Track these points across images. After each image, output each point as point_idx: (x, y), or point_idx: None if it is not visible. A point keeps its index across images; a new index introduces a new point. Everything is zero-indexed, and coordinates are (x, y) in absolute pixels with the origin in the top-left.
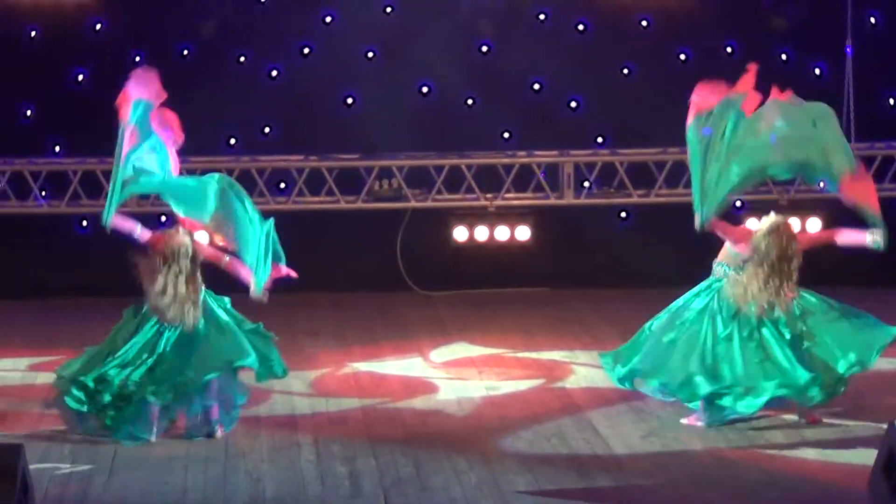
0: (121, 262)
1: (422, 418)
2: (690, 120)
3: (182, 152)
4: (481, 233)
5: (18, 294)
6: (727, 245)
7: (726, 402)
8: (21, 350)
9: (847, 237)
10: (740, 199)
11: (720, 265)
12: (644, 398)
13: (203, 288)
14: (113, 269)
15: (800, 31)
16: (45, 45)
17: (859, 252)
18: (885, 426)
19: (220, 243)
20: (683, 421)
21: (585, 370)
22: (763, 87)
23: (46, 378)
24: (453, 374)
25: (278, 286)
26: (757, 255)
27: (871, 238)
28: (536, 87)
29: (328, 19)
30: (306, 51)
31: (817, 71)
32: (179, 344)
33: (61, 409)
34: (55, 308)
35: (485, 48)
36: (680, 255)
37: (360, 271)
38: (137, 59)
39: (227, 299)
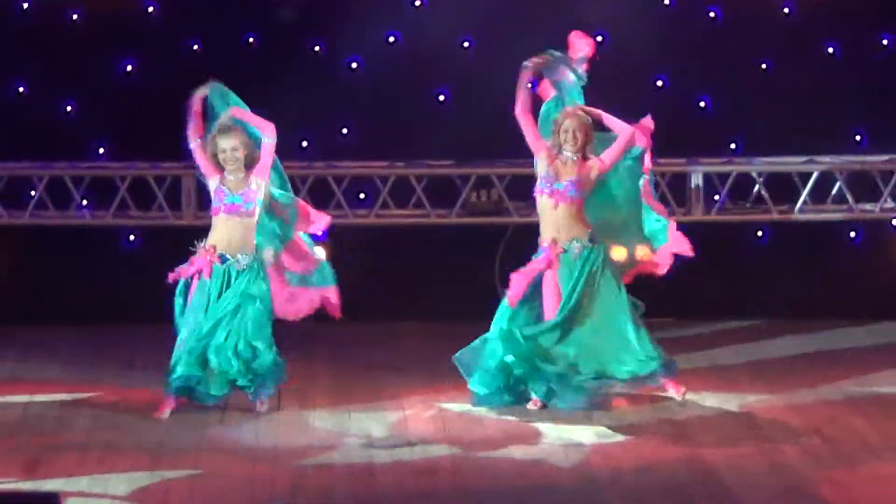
0: (173, 283)
1: (521, 469)
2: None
3: None
4: None
5: (56, 318)
6: None
7: None
8: (56, 385)
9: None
10: None
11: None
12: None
13: None
14: (164, 290)
15: None
16: (87, 31)
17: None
18: None
19: None
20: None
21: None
22: None
23: (84, 419)
24: (559, 417)
25: (358, 313)
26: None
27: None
28: (659, 83)
29: (417, 3)
30: (391, 39)
31: None
32: None
33: None
34: (96, 335)
35: (599, 38)
36: (827, 281)
37: (453, 296)
38: (196, 48)
39: None
